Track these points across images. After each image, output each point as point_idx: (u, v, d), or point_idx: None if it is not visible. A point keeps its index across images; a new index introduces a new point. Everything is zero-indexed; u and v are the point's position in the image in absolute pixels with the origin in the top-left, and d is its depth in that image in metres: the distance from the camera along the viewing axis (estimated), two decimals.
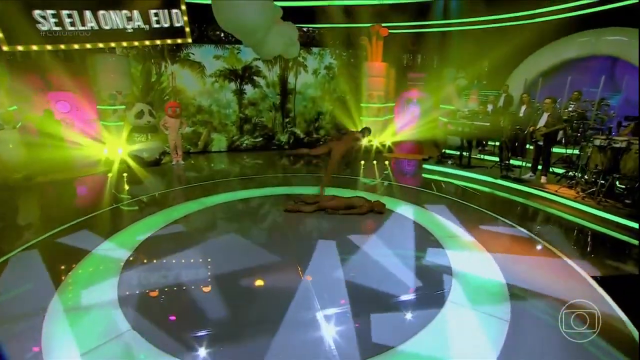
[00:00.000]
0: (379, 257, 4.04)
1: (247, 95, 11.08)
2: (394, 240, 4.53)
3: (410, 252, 4.21)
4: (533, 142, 7.40)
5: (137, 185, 7.11)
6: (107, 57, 8.50)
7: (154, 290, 3.28)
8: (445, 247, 4.36)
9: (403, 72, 11.93)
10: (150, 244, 4.27)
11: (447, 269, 3.82)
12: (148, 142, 8.49)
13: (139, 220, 5.09)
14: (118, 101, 8.59)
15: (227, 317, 2.94)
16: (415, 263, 3.96)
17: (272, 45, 6.98)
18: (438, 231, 4.87)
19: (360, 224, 5.13)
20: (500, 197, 6.86)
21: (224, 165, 9.50)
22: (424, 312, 3.04)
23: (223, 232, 4.89)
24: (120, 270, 3.63)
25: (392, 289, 3.40)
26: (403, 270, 3.76)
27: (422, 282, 3.57)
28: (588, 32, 9.10)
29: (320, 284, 3.44)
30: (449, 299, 3.24)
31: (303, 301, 3.15)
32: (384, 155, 10.76)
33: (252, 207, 6.09)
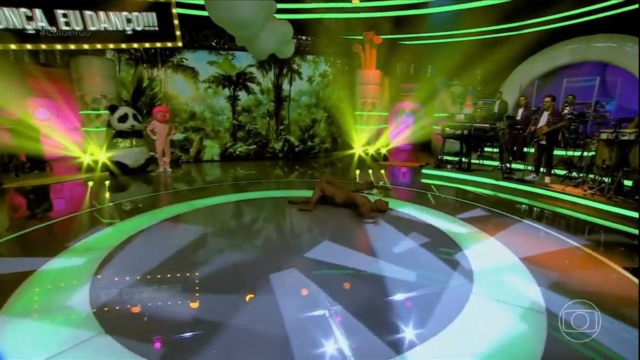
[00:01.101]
0: (398, 255, 3.72)
1: (240, 102, 10.87)
2: (403, 240, 4.24)
3: (426, 252, 3.90)
4: (535, 143, 7.32)
5: (116, 192, 6.61)
6: (92, 59, 8.18)
7: (129, 293, 2.86)
8: (460, 243, 4.08)
9: (397, 82, 11.94)
10: (126, 247, 3.84)
11: (466, 264, 3.53)
12: (132, 147, 7.98)
13: (115, 224, 4.64)
14: (102, 106, 8.22)
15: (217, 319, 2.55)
16: (433, 260, 3.66)
17: (265, 42, 6.82)
18: (450, 229, 4.61)
19: (366, 223, 4.83)
20: (508, 198, 6.66)
21: (216, 173, 9.06)
22: (450, 307, 2.72)
23: (205, 235, 4.48)
24: (94, 271, 3.20)
25: (417, 285, 3.08)
26: (422, 268, 3.45)
27: (444, 278, 3.26)
28: (578, 39, 9.30)
29: (326, 283, 3.09)
30: (473, 291, 2.94)
31: (311, 300, 2.79)
32: (379, 164, 10.59)
33: (243, 209, 5.72)
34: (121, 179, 7.51)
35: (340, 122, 11.82)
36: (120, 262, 3.41)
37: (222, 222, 5.00)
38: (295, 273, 3.19)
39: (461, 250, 3.84)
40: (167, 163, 8.79)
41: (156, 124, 8.34)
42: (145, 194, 6.51)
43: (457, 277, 3.20)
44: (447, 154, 9.52)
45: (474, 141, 8.57)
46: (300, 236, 4.47)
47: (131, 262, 3.43)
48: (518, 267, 3.44)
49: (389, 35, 10.60)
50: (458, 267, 3.42)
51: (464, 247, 3.92)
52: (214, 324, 2.41)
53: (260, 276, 3.10)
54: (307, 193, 6.21)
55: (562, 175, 7.43)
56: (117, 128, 7.76)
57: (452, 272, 3.30)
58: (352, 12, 10.04)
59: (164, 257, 3.49)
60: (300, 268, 3.28)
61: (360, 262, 3.47)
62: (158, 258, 3.47)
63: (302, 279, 3.06)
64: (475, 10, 9.44)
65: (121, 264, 3.38)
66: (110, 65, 8.56)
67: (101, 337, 2.21)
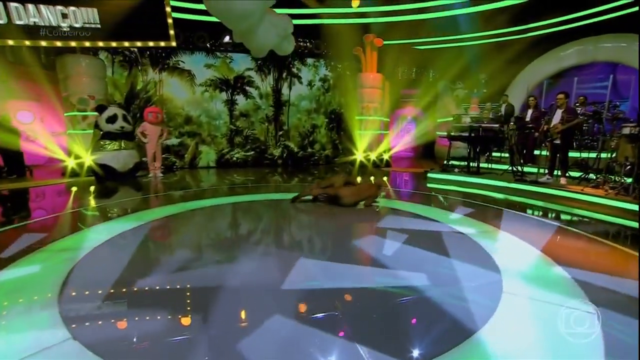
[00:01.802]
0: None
1: (238, 106, 10.53)
2: (417, 241, 3.77)
3: (445, 253, 3.44)
4: (548, 142, 6.91)
5: (100, 196, 6.14)
6: (79, 58, 7.83)
7: (101, 297, 2.40)
8: (481, 243, 3.62)
9: (398, 87, 11.64)
10: (101, 249, 3.38)
11: (490, 262, 3.07)
12: (121, 150, 7.47)
13: (94, 225, 4.18)
14: (89, 107, 7.83)
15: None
16: (453, 261, 3.19)
17: (264, 36, 6.50)
18: (468, 230, 4.14)
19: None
20: (525, 201, 6.20)
21: (211, 179, 8.58)
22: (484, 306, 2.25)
23: (187, 237, 4.01)
24: (67, 272, 2.75)
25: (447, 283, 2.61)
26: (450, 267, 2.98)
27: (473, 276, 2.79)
28: (585, 39, 9.05)
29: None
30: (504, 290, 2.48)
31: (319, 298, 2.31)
32: (382, 170, 10.18)
33: (234, 213, 5.27)
34: (108, 184, 7.04)
35: (341, 128, 11.49)
36: (94, 264, 2.95)
37: (209, 227, 4.53)
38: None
39: (484, 250, 3.37)
40: (158, 168, 8.32)
41: (147, 126, 7.90)
42: (131, 197, 6.06)
43: (485, 275, 2.73)
44: (454, 158, 9.11)
45: (483, 143, 8.16)
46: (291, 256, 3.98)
47: (106, 265, 2.99)
48: (550, 266, 2.98)
49: (396, 41, 10.39)
50: (483, 265, 2.95)
51: (487, 248, 3.45)
52: (189, 330, 1.95)
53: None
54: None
55: (578, 177, 7.01)
56: (105, 129, 7.30)
57: (478, 271, 2.83)
58: (357, 18, 9.85)
59: (138, 262, 3.06)
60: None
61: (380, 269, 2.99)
62: (133, 262, 3.02)
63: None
64: (479, 13, 9.26)
65: (96, 266, 2.93)
66: (99, 65, 8.21)
67: (69, 343, 1.82)
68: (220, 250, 3.44)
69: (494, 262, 3.04)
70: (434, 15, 9.65)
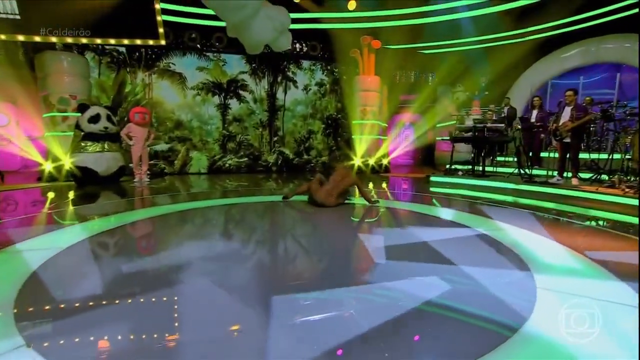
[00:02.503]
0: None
1: (231, 111, 10.14)
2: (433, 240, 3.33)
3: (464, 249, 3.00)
4: (558, 141, 6.57)
5: (76, 201, 5.64)
6: (61, 56, 7.43)
7: (60, 302, 1.95)
8: (502, 241, 3.19)
9: (396, 91, 11.35)
10: (70, 251, 2.90)
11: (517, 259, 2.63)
12: (104, 152, 6.95)
13: (70, 225, 3.70)
14: (71, 107, 7.38)
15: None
16: (475, 256, 2.76)
17: (259, 30, 6.16)
18: (483, 228, 3.71)
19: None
20: (539, 203, 5.78)
21: (202, 185, 8.09)
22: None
23: (154, 243, 3.54)
24: (25, 277, 2.29)
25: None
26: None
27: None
28: (588, 40, 8.87)
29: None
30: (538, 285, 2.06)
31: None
32: (381, 175, 9.77)
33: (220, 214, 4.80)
34: (88, 188, 6.51)
35: (338, 133, 11.14)
36: (55, 270, 2.48)
37: (180, 231, 4.06)
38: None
39: (506, 247, 2.93)
40: (145, 173, 7.80)
41: (133, 127, 7.41)
42: (109, 201, 5.56)
43: (513, 272, 2.29)
44: (456, 162, 8.72)
45: (488, 144, 7.80)
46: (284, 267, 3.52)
47: (66, 271, 2.55)
48: (582, 261, 2.57)
49: (400, 46, 10.19)
50: (509, 261, 2.51)
51: (510, 245, 3.01)
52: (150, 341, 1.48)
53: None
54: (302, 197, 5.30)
55: (589, 178, 6.65)
56: (86, 130, 6.80)
57: (506, 266, 2.39)
58: (356, 22, 9.64)
59: (101, 268, 2.63)
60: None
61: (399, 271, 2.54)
62: (96, 268, 2.59)
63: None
64: (482, 17, 9.09)
65: (55, 272, 2.46)
66: (82, 63, 7.81)
67: (21, 351, 1.51)
68: (187, 256, 2.97)
69: (523, 260, 2.60)
70: (435, 19, 9.49)
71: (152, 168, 9.32)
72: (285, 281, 2.35)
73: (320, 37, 10.18)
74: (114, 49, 8.74)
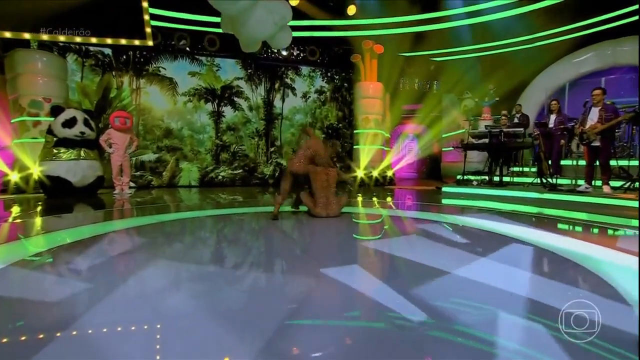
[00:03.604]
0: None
1: (225, 119, 9.49)
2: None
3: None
4: (585, 145, 5.96)
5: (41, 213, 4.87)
6: (36, 54, 6.82)
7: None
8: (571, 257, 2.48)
9: (399, 100, 10.83)
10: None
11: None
12: (79, 160, 6.19)
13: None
14: (44, 111, 6.68)
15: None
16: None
17: (257, 24, 5.54)
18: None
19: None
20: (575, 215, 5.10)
21: (192, 199, 7.32)
22: None
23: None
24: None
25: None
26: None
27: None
28: (603, 43, 8.46)
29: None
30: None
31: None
32: (386, 188, 9.08)
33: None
34: (58, 200, 5.73)
35: (340, 143, 10.50)
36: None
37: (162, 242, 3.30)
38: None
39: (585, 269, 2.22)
40: (127, 184, 7.04)
41: (113, 133, 6.70)
42: (79, 212, 4.78)
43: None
44: (467, 172, 8.09)
45: (505, 151, 7.19)
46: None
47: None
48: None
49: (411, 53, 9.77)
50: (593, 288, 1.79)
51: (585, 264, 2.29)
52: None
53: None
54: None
55: (621, 186, 6.02)
56: (60, 135, 6.05)
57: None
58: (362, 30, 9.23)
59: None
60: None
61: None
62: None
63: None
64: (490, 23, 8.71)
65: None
66: (59, 64, 7.19)
67: None
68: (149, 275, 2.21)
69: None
70: (444, 25, 9.10)
71: (137, 180, 8.57)
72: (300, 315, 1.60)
73: (320, 42, 9.71)
74: (99, 51, 8.13)
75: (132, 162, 8.31)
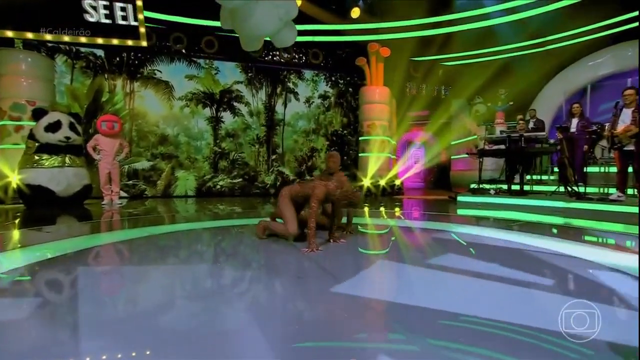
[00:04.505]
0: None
1: (224, 125, 8.99)
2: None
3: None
4: (616, 150, 5.47)
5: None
6: (20, 54, 6.36)
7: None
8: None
9: (406, 106, 10.39)
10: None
11: None
12: (64, 167, 5.64)
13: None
14: (27, 115, 6.19)
15: None
16: None
17: (261, 19, 5.10)
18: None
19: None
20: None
21: (188, 210, 6.75)
22: None
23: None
24: None
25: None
26: None
27: None
28: (623, 44, 8.07)
29: None
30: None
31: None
32: (394, 198, 8.55)
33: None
34: (38, 211, 5.18)
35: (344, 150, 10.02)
36: None
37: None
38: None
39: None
40: (116, 194, 6.48)
41: (101, 139, 6.18)
42: (60, 225, 4.23)
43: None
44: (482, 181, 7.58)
45: (525, 158, 6.70)
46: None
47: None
48: None
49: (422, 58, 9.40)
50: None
51: None
52: None
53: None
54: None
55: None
56: (43, 140, 5.51)
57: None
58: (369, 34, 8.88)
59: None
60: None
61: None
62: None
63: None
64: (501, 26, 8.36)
65: None
66: (45, 65, 6.74)
67: None
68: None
69: None
70: (454, 29, 8.75)
71: (130, 189, 8.03)
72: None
73: (324, 44, 9.30)
74: (90, 52, 7.66)
75: (123, 170, 7.80)
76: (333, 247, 2.86)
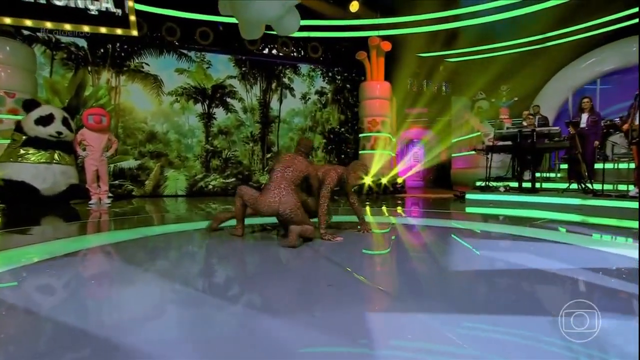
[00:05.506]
0: None
1: (217, 122, 8.52)
2: None
3: None
4: (634, 144, 5.23)
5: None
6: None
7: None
8: None
9: (406, 103, 10.09)
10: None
11: None
12: (51, 164, 5.18)
13: None
14: (6, 107, 5.66)
15: None
16: None
17: (262, 4, 4.71)
18: None
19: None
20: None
21: (179, 210, 6.25)
22: None
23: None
24: None
25: None
26: None
27: None
28: (626, 39, 7.92)
29: None
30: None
31: None
32: (396, 197, 8.21)
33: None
34: (19, 209, 4.65)
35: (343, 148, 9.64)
36: None
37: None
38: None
39: None
40: (104, 193, 5.97)
41: (87, 134, 5.68)
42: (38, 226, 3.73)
43: None
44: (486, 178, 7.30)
45: (536, 154, 6.43)
46: None
47: None
48: None
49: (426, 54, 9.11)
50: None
51: None
52: None
53: None
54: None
55: None
56: (31, 133, 5.02)
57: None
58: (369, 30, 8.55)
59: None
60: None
61: None
62: None
63: None
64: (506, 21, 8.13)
65: None
66: (26, 53, 6.19)
67: None
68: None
69: None
70: (457, 24, 8.49)
71: (116, 190, 7.47)
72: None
73: (323, 39, 8.93)
74: (72, 43, 7.11)
75: (109, 170, 7.25)
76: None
